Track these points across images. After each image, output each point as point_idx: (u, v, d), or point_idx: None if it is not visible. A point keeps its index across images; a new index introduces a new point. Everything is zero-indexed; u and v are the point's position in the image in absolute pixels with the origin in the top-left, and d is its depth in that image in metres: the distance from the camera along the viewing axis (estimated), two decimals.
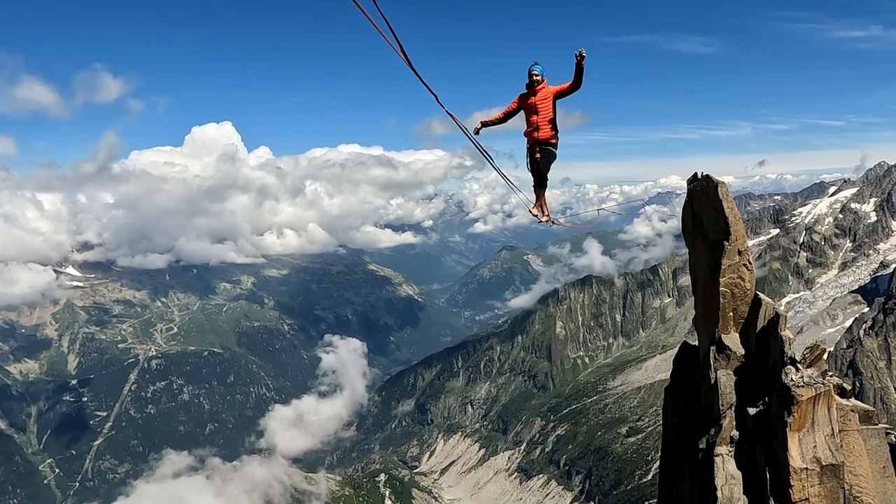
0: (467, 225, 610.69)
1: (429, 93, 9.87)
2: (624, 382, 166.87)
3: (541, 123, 13.69)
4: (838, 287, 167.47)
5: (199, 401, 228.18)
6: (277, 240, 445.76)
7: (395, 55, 8.24)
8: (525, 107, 13.78)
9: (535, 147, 14.00)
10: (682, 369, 17.52)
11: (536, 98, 13.50)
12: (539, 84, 13.42)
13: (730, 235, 15.35)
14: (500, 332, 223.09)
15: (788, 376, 12.69)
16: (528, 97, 13.63)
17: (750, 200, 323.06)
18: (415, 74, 9.10)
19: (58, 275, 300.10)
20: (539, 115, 13.61)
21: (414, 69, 8.87)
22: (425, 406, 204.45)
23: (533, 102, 13.56)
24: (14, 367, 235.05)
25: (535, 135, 13.81)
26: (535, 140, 13.88)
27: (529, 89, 13.59)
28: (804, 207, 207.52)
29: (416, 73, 8.88)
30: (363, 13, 7.52)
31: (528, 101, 13.67)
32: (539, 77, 13.38)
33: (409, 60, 8.43)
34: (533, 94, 13.54)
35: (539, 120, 13.66)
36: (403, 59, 8.44)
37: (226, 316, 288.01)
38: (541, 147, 13.94)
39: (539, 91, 13.45)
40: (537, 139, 13.85)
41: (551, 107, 13.58)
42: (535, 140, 13.90)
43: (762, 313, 14.81)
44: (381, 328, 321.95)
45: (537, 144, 13.92)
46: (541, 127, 13.71)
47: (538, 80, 13.40)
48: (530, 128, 13.84)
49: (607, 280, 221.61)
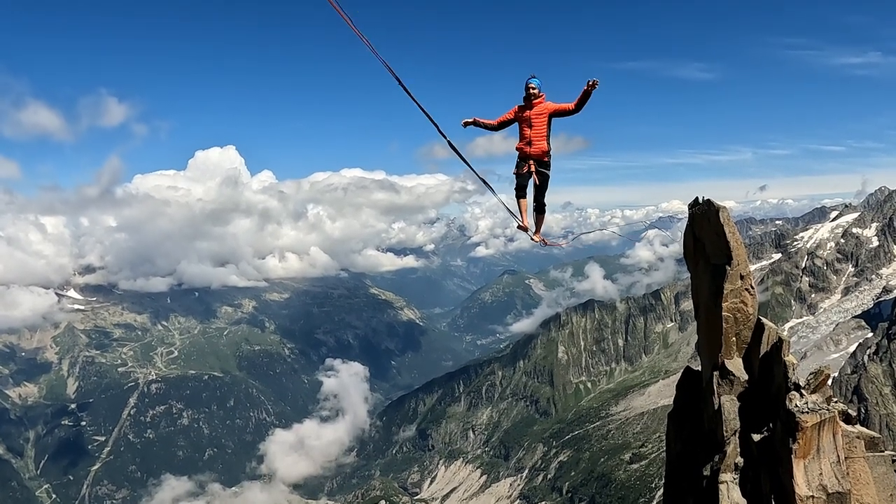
0: (469, 249, 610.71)
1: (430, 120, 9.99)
2: (627, 408, 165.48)
3: (534, 139, 13.44)
4: (841, 312, 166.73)
5: (198, 425, 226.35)
6: (279, 263, 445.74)
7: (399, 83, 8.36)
8: (520, 119, 13.53)
9: (527, 160, 13.66)
10: (686, 395, 17.40)
11: (532, 112, 13.28)
12: (536, 98, 13.22)
13: (732, 260, 15.35)
14: (501, 356, 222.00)
15: (793, 402, 12.60)
16: (525, 110, 13.40)
17: (751, 225, 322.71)
18: (416, 105, 9.21)
19: (59, 298, 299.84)
20: (533, 129, 13.38)
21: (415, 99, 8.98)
22: (426, 431, 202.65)
23: (528, 116, 13.34)
24: (13, 391, 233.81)
25: (528, 150, 13.54)
26: (527, 155, 13.59)
27: (526, 102, 13.37)
28: (806, 232, 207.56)
29: (416, 103, 8.99)
30: (368, 46, 7.64)
31: (523, 115, 13.43)
32: (536, 90, 13.18)
33: (409, 92, 8.55)
34: (529, 108, 13.32)
35: (532, 135, 13.42)
36: (407, 93, 8.57)
37: (226, 340, 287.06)
38: (536, 163, 13.62)
39: (536, 105, 13.24)
40: (529, 154, 13.55)
41: (546, 123, 13.37)
42: (526, 155, 13.61)
43: (765, 338, 14.75)
44: (382, 352, 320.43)
45: (529, 159, 13.62)
46: (534, 142, 13.46)
47: (535, 94, 13.20)
48: (523, 142, 13.60)
49: (609, 304, 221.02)
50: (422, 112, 10.17)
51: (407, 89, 8.60)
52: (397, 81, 8.92)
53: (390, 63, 8.27)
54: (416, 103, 9.50)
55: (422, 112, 10.17)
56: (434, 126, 10.67)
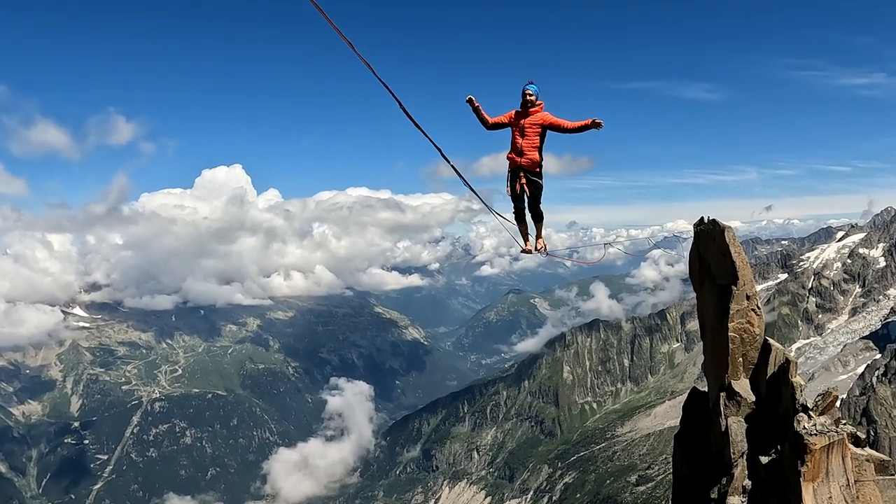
0: (474, 268, 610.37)
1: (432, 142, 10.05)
2: (633, 429, 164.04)
3: (526, 148, 12.86)
4: (849, 333, 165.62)
5: (201, 444, 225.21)
6: (284, 281, 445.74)
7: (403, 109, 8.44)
8: (514, 126, 12.94)
9: (517, 172, 13.11)
10: (692, 416, 17.26)
11: (527, 121, 12.74)
12: (533, 106, 12.70)
13: (737, 280, 15.30)
14: (506, 376, 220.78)
15: (801, 424, 12.47)
16: (521, 118, 12.83)
17: (757, 245, 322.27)
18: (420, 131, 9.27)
19: (65, 316, 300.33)
20: (526, 138, 12.81)
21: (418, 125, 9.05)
22: (430, 452, 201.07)
23: (522, 124, 12.79)
24: (17, 409, 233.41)
25: (518, 160, 12.97)
26: (518, 165, 13.02)
27: (523, 109, 12.80)
28: (812, 252, 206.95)
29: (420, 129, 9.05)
30: (374, 74, 7.73)
31: (518, 122, 12.86)
32: (533, 97, 12.65)
33: (411, 117, 8.62)
34: (525, 116, 12.77)
35: (524, 144, 12.84)
36: (409, 118, 8.65)
37: (230, 358, 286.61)
38: (525, 174, 13.06)
39: (532, 113, 12.72)
40: (519, 164, 12.99)
41: (539, 134, 12.81)
42: (517, 165, 13.03)
43: (772, 359, 14.65)
44: (387, 372, 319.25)
45: (520, 170, 13.04)
46: (525, 152, 12.88)
47: (532, 101, 12.67)
48: (513, 151, 13.02)
49: (615, 324, 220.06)
50: (426, 137, 10.22)
51: (410, 115, 8.67)
52: (401, 107, 8.93)
53: (394, 87, 8.34)
54: (419, 129, 9.52)
55: (426, 137, 10.22)
56: (439, 152, 10.70)
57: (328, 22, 6.54)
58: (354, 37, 7.28)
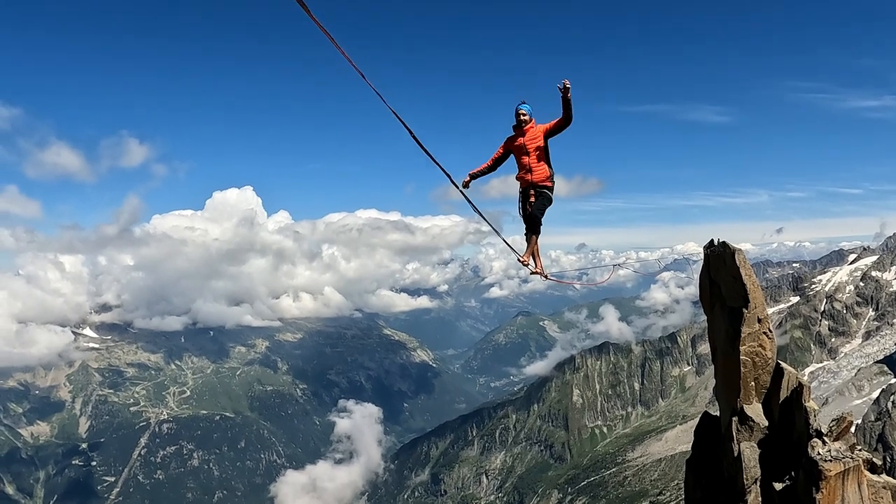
0: (483, 290, 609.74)
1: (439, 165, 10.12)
2: (644, 454, 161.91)
3: (533, 165, 12.90)
4: (863, 357, 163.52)
5: (208, 466, 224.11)
6: (293, 303, 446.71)
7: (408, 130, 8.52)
8: (514, 149, 13.03)
9: (528, 190, 13.15)
10: (704, 441, 17.03)
11: (525, 139, 12.78)
12: (527, 124, 12.76)
13: (748, 303, 15.19)
14: (515, 399, 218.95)
15: (815, 450, 12.27)
16: (517, 139, 12.92)
17: (768, 268, 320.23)
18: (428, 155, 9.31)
19: (76, 336, 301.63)
20: (531, 155, 12.84)
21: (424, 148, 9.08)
22: (438, 476, 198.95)
23: (522, 143, 12.83)
24: (26, 430, 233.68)
25: (528, 177, 13.01)
26: (529, 183, 13.05)
27: (517, 130, 12.88)
28: (824, 275, 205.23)
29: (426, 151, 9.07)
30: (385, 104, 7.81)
31: (516, 143, 12.95)
32: (527, 117, 12.75)
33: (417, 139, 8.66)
34: (521, 135, 12.83)
35: (530, 161, 12.88)
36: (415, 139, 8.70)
37: (239, 380, 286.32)
38: (535, 189, 13.09)
39: (528, 131, 12.76)
40: (531, 182, 13.02)
41: (543, 146, 12.85)
42: (528, 183, 13.07)
43: (785, 383, 14.48)
44: (395, 394, 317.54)
45: (531, 187, 13.08)
46: (534, 169, 12.92)
47: (526, 120, 12.75)
48: (522, 171, 13.06)
49: (625, 347, 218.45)
50: (435, 164, 10.30)
51: (420, 143, 8.72)
52: (412, 135, 8.96)
53: (405, 108, 8.44)
54: (429, 156, 9.57)
55: (435, 164, 10.30)
56: (448, 178, 10.72)
57: (339, 51, 6.61)
58: (364, 57, 7.37)
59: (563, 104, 11.74)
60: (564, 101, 11.62)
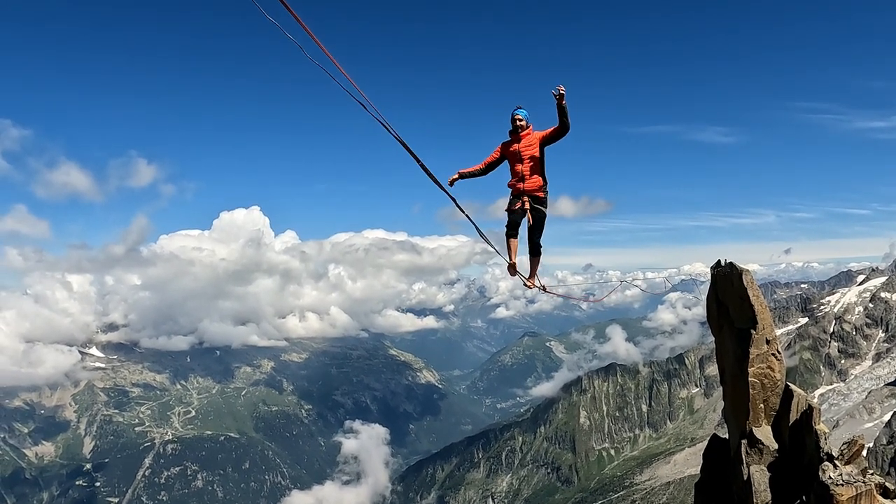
0: (489, 310, 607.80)
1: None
2: (652, 477, 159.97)
3: (527, 173, 12.62)
4: (873, 379, 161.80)
5: (212, 488, 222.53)
6: (299, 323, 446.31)
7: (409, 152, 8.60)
8: (509, 155, 12.78)
9: (521, 196, 12.82)
10: (713, 464, 16.85)
11: (521, 145, 12.53)
12: (524, 130, 12.51)
13: (756, 324, 15.11)
14: (522, 421, 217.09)
15: (826, 473, 12.12)
16: (512, 144, 12.68)
17: (776, 289, 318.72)
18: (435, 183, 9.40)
19: (82, 356, 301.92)
20: (525, 163, 12.58)
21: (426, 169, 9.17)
22: (444, 499, 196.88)
23: (517, 150, 12.59)
24: (31, 451, 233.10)
25: (521, 185, 12.72)
26: (521, 191, 12.76)
27: (513, 136, 12.66)
28: (833, 296, 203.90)
29: (428, 173, 9.19)
30: (390, 132, 7.90)
31: (511, 149, 12.70)
32: (524, 122, 12.50)
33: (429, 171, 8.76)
34: (517, 142, 12.59)
35: (525, 169, 12.60)
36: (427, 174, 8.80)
37: (244, 400, 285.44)
38: (532, 206, 12.79)
39: (524, 137, 12.50)
40: (523, 190, 12.73)
41: (538, 154, 12.57)
42: (520, 191, 12.78)
43: (794, 405, 14.35)
44: (401, 416, 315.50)
45: (525, 195, 12.82)
46: (527, 177, 12.65)
47: (523, 126, 12.50)
48: (515, 178, 12.80)
49: (632, 368, 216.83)
50: (441, 189, 10.37)
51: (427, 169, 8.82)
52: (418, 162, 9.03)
53: (412, 125, 8.54)
54: (435, 182, 9.66)
55: (441, 189, 10.37)
56: (454, 202, 10.85)
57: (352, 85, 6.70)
58: (371, 77, 7.45)
59: (559, 112, 11.53)
60: (559, 108, 11.42)
